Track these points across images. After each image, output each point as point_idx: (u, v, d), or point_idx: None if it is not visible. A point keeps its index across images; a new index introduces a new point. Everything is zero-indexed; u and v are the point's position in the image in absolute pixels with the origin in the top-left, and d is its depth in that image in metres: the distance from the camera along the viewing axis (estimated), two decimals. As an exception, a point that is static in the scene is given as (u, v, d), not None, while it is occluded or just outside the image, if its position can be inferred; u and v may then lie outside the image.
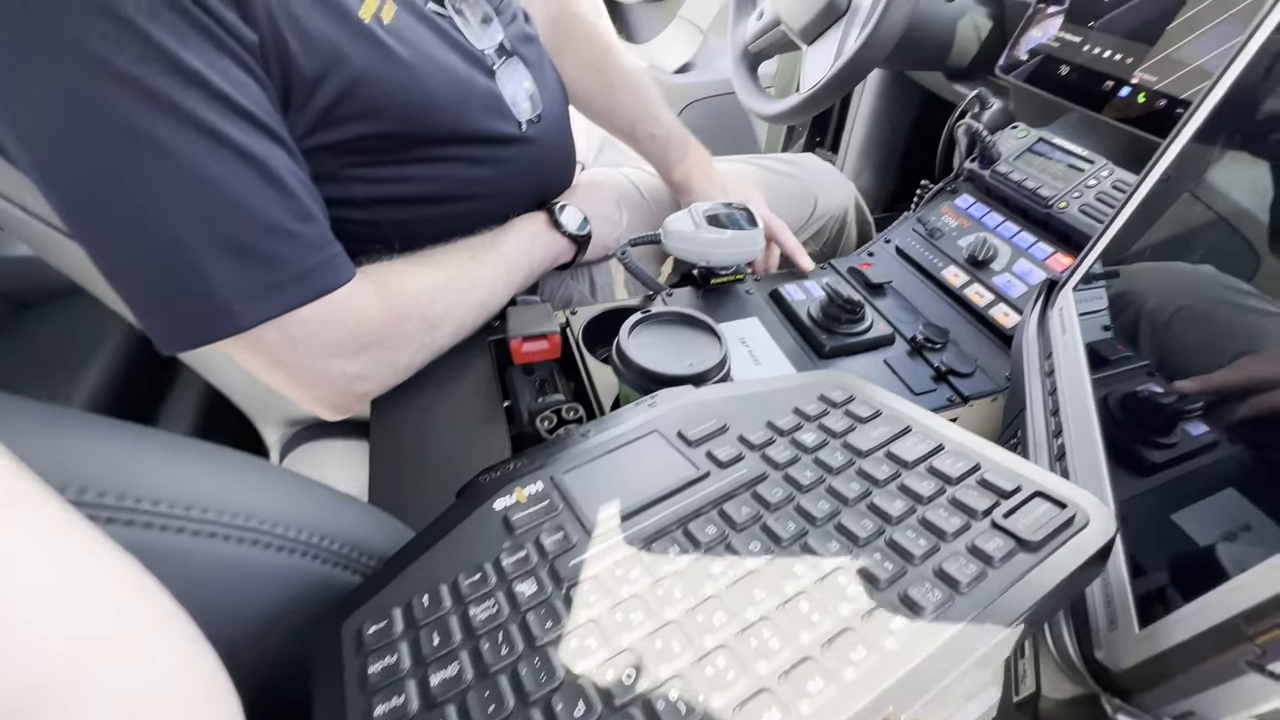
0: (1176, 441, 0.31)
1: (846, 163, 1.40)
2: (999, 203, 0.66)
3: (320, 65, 0.44)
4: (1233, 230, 0.34)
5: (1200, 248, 0.36)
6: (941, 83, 0.89)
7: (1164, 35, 0.56)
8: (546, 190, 0.70)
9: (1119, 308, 0.40)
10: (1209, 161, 0.37)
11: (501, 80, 0.60)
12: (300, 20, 0.42)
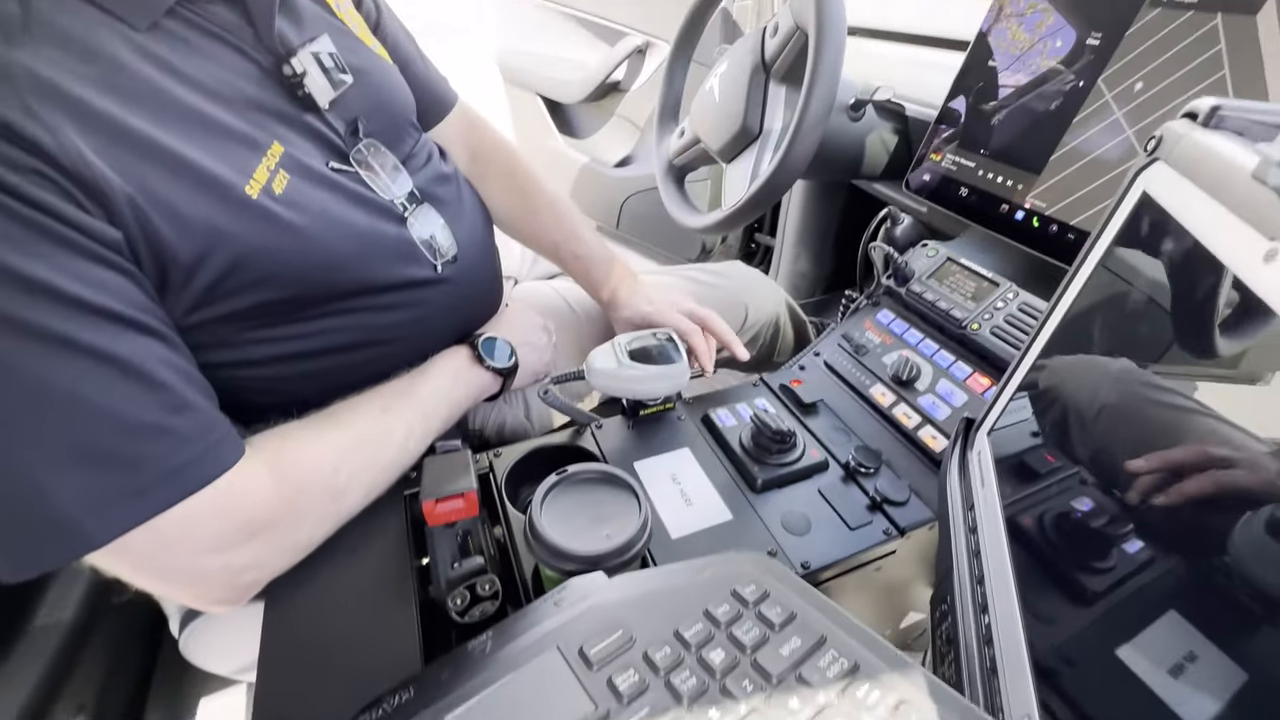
0: (1112, 565, 0.30)
1: (784, 248, 1.45)
2: (917, 318, 0.67)
3: (199, 247, 0.42)
4: (1147, 317, 0.33)
5: (1116, 339, 0.35)
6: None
7: (1048, 165, 0.60)
8: (469, 324, 0.68)
9: (1043, 409, 0.40)
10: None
11: (414, 226, 0.59)
12: (174, 206, 0.41)
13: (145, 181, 0.39)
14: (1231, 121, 0.29)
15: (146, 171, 0.39)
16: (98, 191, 0.37)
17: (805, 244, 1.43)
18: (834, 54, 0.62)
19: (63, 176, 0.35)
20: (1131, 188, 0.33)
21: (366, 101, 0.56)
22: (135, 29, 0.41)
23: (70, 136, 0.36)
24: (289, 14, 0.51)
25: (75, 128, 0.36)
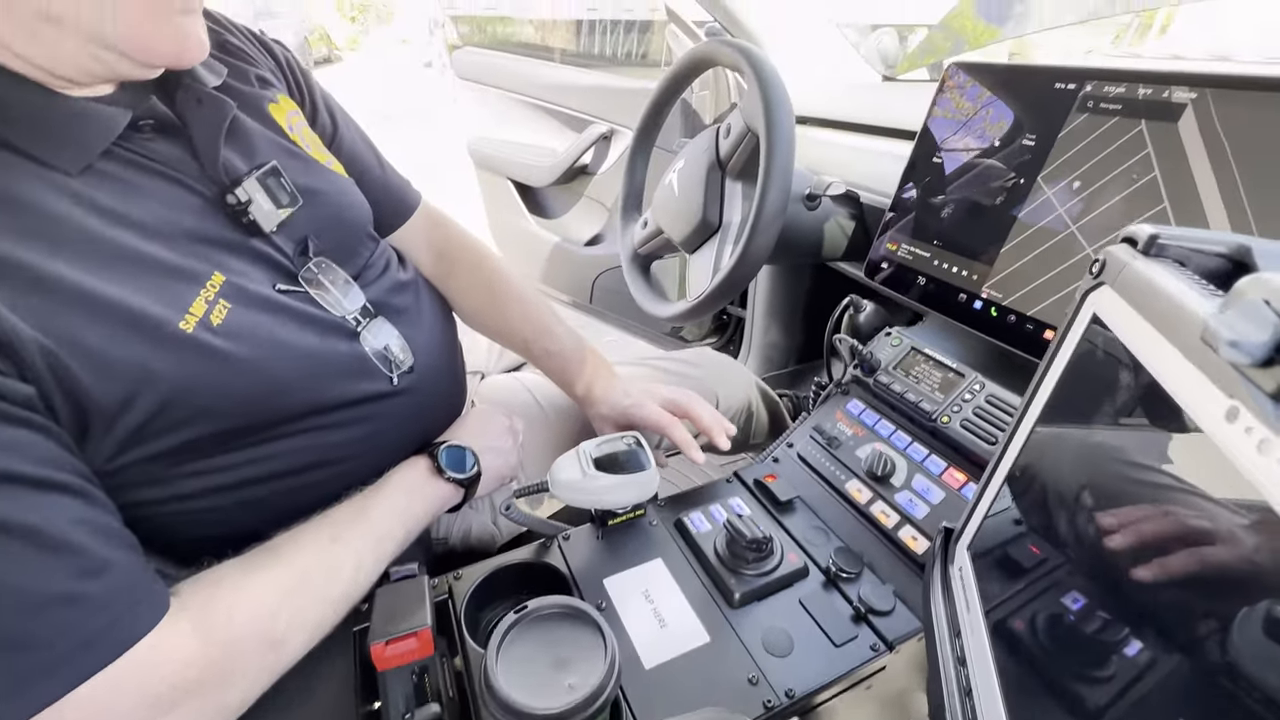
0: (1112, 674, 0.27)
1: (754, 320, 1.46)
2: (888, 407, 0.66)
3: (124, 390, 0.40)
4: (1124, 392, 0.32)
5: (1097, 414, 0.34)
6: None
7: (999, 257, 0.61)
8: (428, 433, 0.65)
9: (1022, 491, 0.38)
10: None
11: (367, 340, 0.57)
12: (97, 351, 0.39)
13: (65, 330, 0.37)
14: (1172, 250, 0.30)
15: (67, 319, 0.38)
16: (6, 347, 0.35)
17: (775, 316, 1.45)
18: (785, 158, 0.64)
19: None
20: (1080, 310, 0.33)
21: (317, 220, 0.55)
22: (67, 174, 0.40)
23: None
24: (236, 142, 0.51)
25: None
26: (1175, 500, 0.25)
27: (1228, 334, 0.18)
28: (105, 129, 0.42)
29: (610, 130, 1.63)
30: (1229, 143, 0.46)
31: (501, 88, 1.83)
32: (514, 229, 1.99)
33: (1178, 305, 0.25)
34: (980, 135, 0.63)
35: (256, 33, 0.63)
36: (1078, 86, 0.55)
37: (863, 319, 0.75)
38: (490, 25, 2.86)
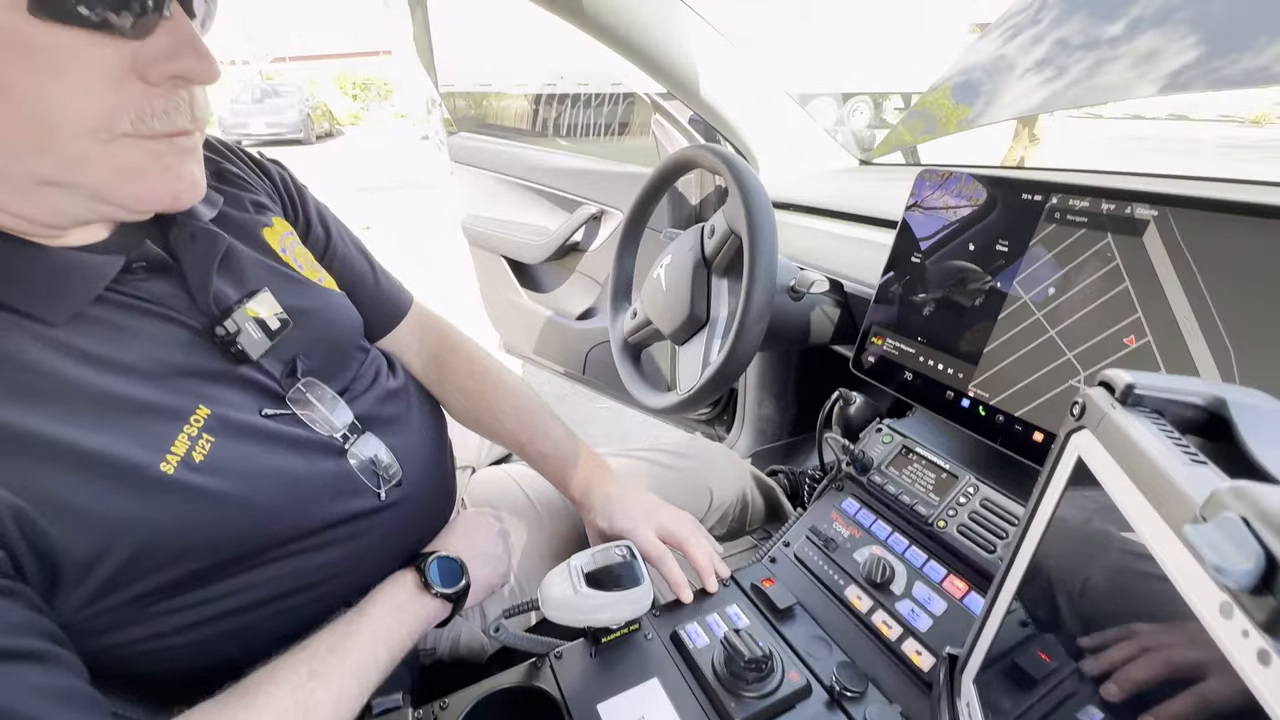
0: None
1: (746, 394, 1.46)
2: (884, 506, 0.65)
3: (99, 542, 0.39)
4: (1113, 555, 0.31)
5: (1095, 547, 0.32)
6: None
7: (983, 357, 0.62)
8: (415, 545, 0.64)
9: (1025, 620, 0.36)
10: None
11: (354, 455, 0.56)
12: (71, 504, 0.38)
13: (38, 487, 0.37)
14: (1149, 400, 0.30)
15: (40, 475, 0.37)
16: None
17: (767, 390, 1.45)
18: (768, 261, 0.65)
19: None
20: (1065, 451, 0.33)
21: (306, 340, 0.56)
22: (53, 325, 0.40)
23: None
24: (228, 271, 0.52)
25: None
26: (1187, 634, 0.25)
27: (1211, 556, 0.18)
28: (97, 278, 0.42)
29: (600, 211, 1.68)
30: (1194, 260, 0.47)
31: (495, 171, 1.90)
32: (507, 303, 2.02)
33: (1164, 476, 0.25)
34: (956, 238, 0.65)
35: (255, 156, 0.65)
36: (1044, 198, 0.58)
37: (853, 411, 0.76)
38: (484, 100, 3.00)
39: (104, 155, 0.38)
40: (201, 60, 0.39)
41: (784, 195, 1.20)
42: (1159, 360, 0.49)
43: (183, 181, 0.43)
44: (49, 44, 0.34)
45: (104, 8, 0.35)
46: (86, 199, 0.40)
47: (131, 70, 0.37)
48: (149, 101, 0.38)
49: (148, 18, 0.37)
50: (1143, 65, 1.17)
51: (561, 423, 0.76)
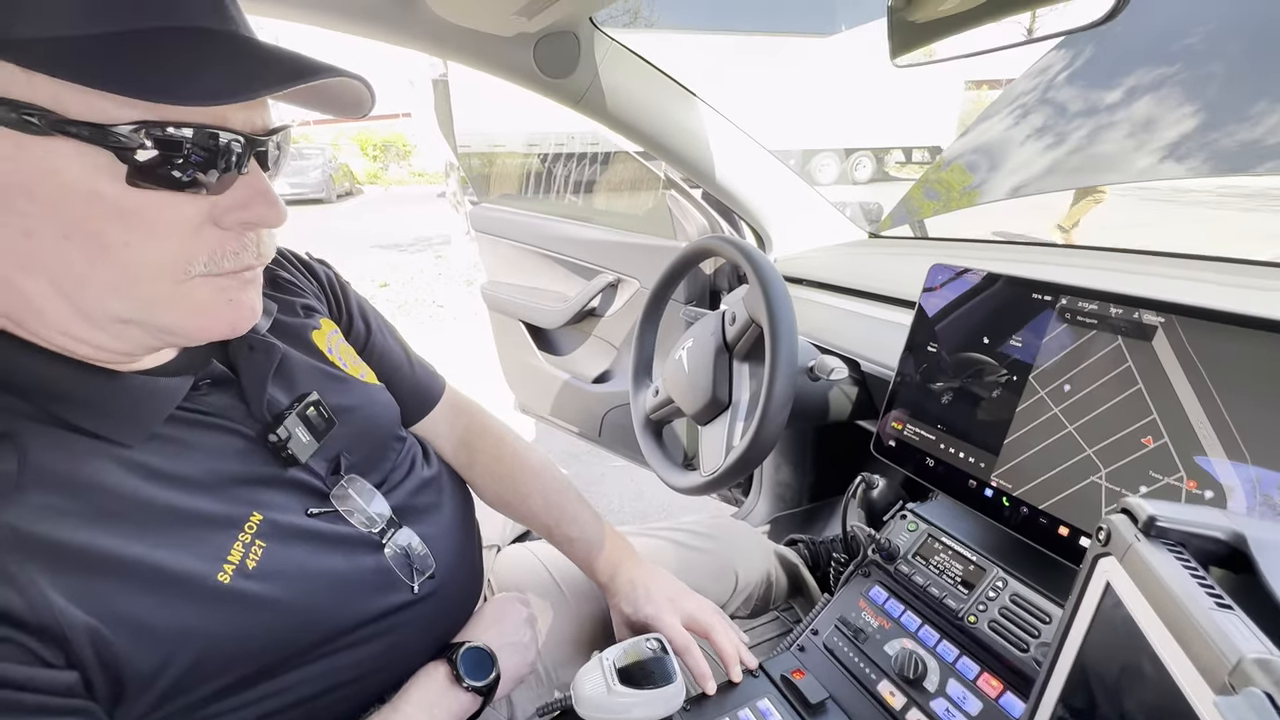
0: None
1: (765, 460, 1.47)
2: (912, 597, 0.66)
3: (162, 655, 0.41)
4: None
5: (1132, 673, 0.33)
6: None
7: (1004, 448, 0.63)
8: (446, 635, 0.65)
9: (1069, 703, 0.36)
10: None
11: (391, 550, 0.58)
12: (139, 620, 0.40)
13: (111, 605, 0.39)
14: (1172, 534, 0.32)
15: (114, 593, 0.39)
16: (59, 638, 0.37)
17: (786, 455, 1.46)
18: (789, 352, 0.68)
19: (26, 634, 0.36)
20: (1093, 576, 0.35)
21: (350, 436, 0.59)
22: (128, 447, 0.43)
23: (42, 589, 0.36)
24: (280, 378, 0.55)
25: (49, 576, 0.37)
26: None
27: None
28: (168, 401, 0.45)
29: (617, 279, 1.73)
30: (1203, 367, 0.49)
31: (515, 240, 1.97)
32: (525, 366, 2.06)
33: (1192, 623, 0.26)
34: (970, 331, 0.68)
35: (304, 259, 0.69)
36: (1054, 298, 0.60)
37: (876, 495, 0.77)
38: (497, 159, 3.14)
39: (177, 295, 0.41)
40: (271, 208, 0.42)
41: (797, 270, 1.24)
42: (1177, 463, 0.50)
43: (242, 310, 0.45)
44: (141, 205, 0.37)
45: (193, 170, 0.38)
46: (157, 332, 0.43)
47: (208, 219, 0.41)
48: (222, 244, 0.41)
49: (229, 174, 0.41)
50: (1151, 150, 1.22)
51: (587, 504, 0.78)
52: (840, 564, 0.76)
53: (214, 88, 0.36)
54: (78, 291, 0.39)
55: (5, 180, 0.35)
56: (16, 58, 0.32)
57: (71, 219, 0.36)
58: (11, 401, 0.39)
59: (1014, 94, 1.67)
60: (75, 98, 0.34)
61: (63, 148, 0.34)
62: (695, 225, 1.44)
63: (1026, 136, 1.61)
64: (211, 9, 0.38)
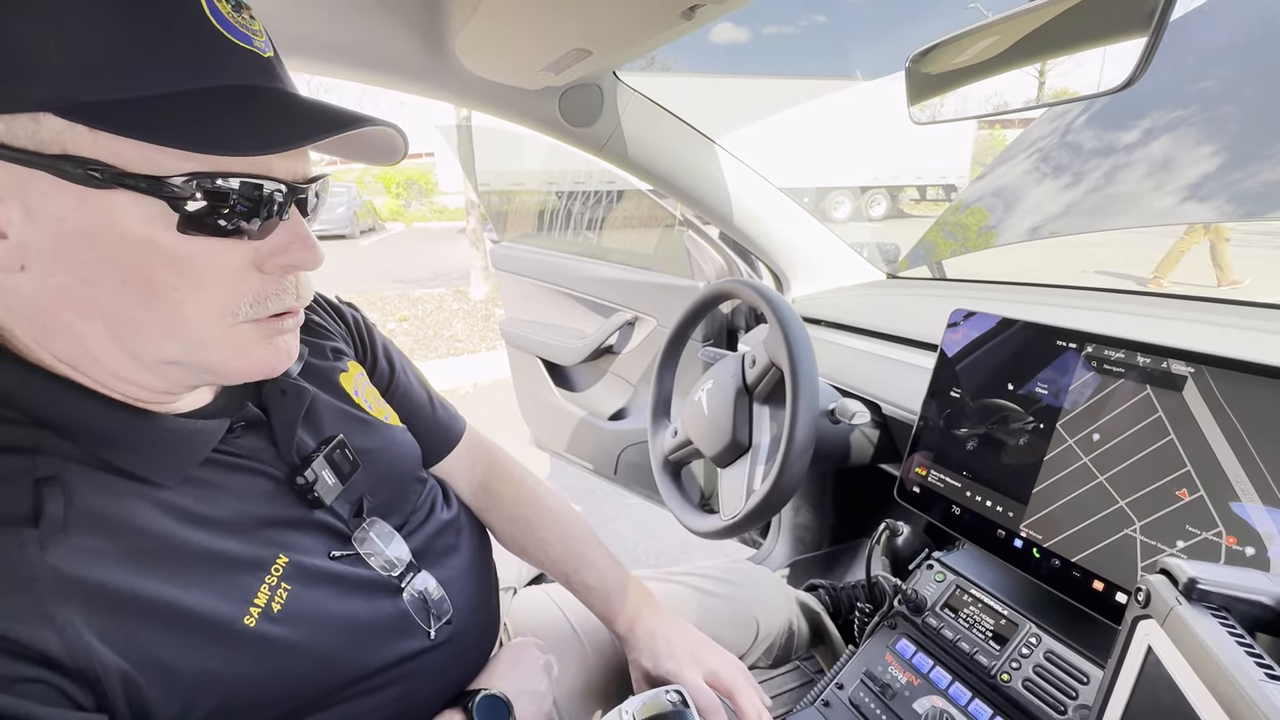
0: None
1: (783, 501, 1.45)
2: (941, 651, 0.63)
3: (187, 698, 0.41)
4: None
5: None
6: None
7: (1032, 497, 0.62)
8: (463, 681, 0.64)
9: None
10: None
11: (409, 594, 0.58)
12: (167, 663, 0.40)
13: (143, 648, 0.39)
14: (1215, 597, 0.31)
15: (145, 636, 0.40)
16: (93, 680, 0.37)
17: (806, 498, 1.44)
18: (809, 397, 0.68)
19: (60, 676, 0.36)
20: (1133, 639, 0.34)
21: (373, 479, 0.59)
22: (163, 488, 0.44)
23: (79, 631, 0.37)
24: (309, 421, 0.56)
25: (85, 617, 0.37)
26: None
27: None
28: (205, 444, 0.47)
29: (634, 317, 1.75)
30: (1236, 418, 0.48)
31: (534, 278, 2.01)
32: (542, 402, 2.07)
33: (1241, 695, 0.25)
34: (994, 376, 0.67)
35: (333, 302, 0.71)
36: (1079, 346, 0.60)
37: (900, 542, 0.75)
38: (517, 196, 3.22)
39: (223, 338, 0.43)
40: (309, 251, 0.45)
41: (815, 311, 1.25)
42: (1215, 517, 0.49)
43: (280, 353, 0.47)
44: (191, 252, 0.39)
45: (238, 219, 0.41)
46: (200, 373, 0.45)
47: (252, 264, 0.43)
48: (264, 287, 0.44)
49: (271, 221, 0.43)
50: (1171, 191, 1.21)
51: (605, 550, 0.77)
52: (864, 613, 0.74)
53: (261, 139, 0.38)
54: (131, 335, 0.40)
55: (69, 230, 0.37)
56: (84, 118, 0.35)
57: (128, 266, 0.38)
58: (60, 444, 0.41)
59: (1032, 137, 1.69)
60: (134, 152, 0.36)
61: (121, 199, 0.37)
62: (712, 265, 1.46)
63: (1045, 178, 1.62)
64: (260, 70, 0.41)
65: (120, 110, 0.35)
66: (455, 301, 6.77)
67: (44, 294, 0.39)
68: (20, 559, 0.36)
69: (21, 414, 0.40)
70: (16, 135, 0.35)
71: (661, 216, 2.43)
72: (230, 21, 0.39)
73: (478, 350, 5.06)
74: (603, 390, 1.93)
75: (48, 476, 0.39)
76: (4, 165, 0.35)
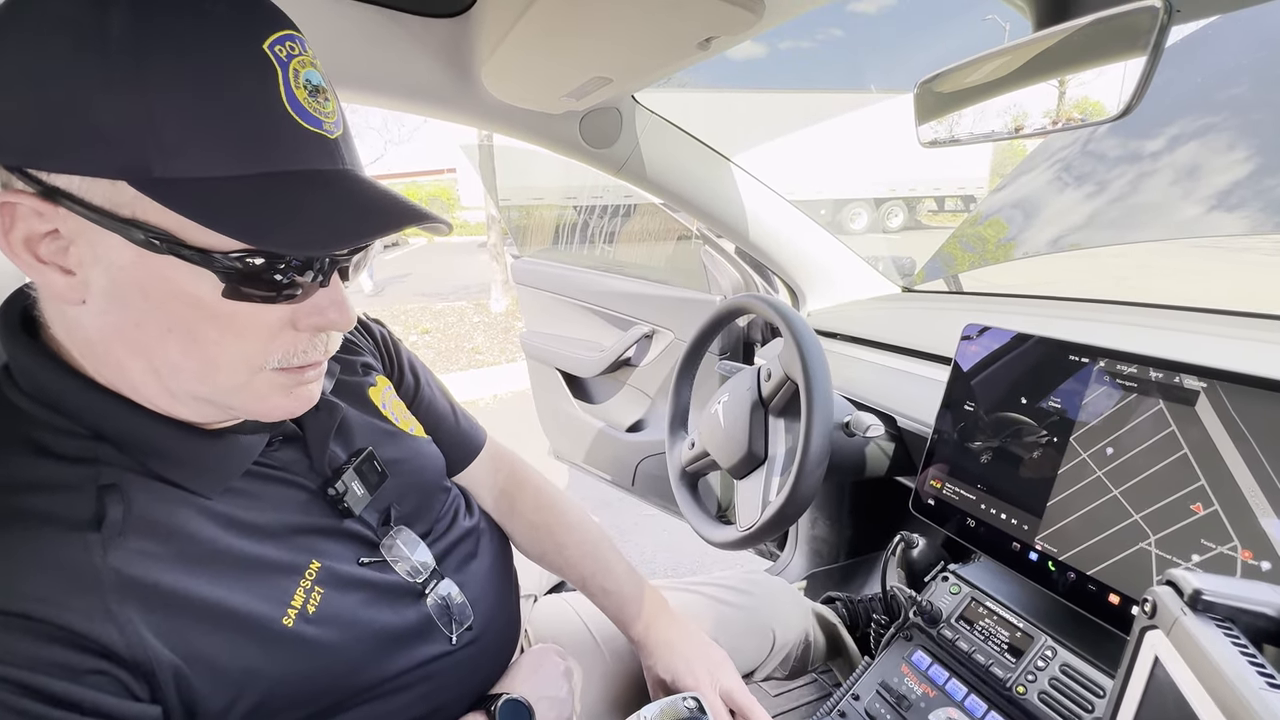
0: None
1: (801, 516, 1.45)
2: (957, 663, 0.64)
3: (231, 694, 0.44)
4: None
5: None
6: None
7: (1047, 510, 0.62)
8: (484, 686, 0.65)
9: None
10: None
11: (432, 600, 0.60)
12: (214, 660, 0.43)
13: (192, 645, 0.42)
14: (1220, 608, 0.31)
15: (195, 634, 0.42)
16: (149, 674, 0.40)
17: (822, 510, 1.44)
18: (824, 410, 0.69)
19: (121, 669, 0.39)
20: (1141, 649, 0.34)
21: (400, 489, 0.62)
22: (208, 497, 0.47)
23: (138, 628, 0.39)
24: (340, 435, 0.59)
25: (143, 615, 0.40)
26: None
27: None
28: (246, 457, 0.50)
29: (652, 330, 1.77)
30: (1249, 432, 0.49)
31: (554, 292, 2.05)
32: (560, 413, 2.09)
33: (1243, 704, 0.26)
34: (1008, 390, 0.68)
35: (362, 318, 0.74)
36: (1091, 360, 0.61)
37: (916, 554, 0.76)
38: (537, 211, 3.28)
39: (249, 385, 0.45)
40: (343, 315, 0.47)
41: (830, 325, 1.26)
42: (1230, 531, 0.49)
43: (299, 401, 0.49)
44: (233, 312, 0.42)
45: (281, 289, 0.43)
46: (225, 409, 0.48)
47: (288, 323, 0.45)
48: (295, 344, 0.46)
49: (312, 286, 0.45)
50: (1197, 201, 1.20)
51: (623, 558, 0.79)
52: (880, 625, 0.74)
53: (311, 237, 0.40)
54: (169, 374, 0.43)
55: (127, 280, 0.40)
56: (153, 192, 0.38)
57: (175, 317, 0.41)
58: (117, 455, 0.44)
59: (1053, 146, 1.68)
60: (194, 229, 0.38)
61: (175, 262, 0.39)
62: (728, 279, 1.48)
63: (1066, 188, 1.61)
64: (327, 154, 0.43)
65: (187, 189, 0.38)
66: (476, 314, 6.87)
67: (100, 328, 0.42)
68: (86, 561, 0.39)
69: (85, 428, 0.44)
70: (95, 195, 0.38)
71: (678, 230, 2.46)
72: (305, 107, 0.40)
73: (498, 362, 5.13)
74: (621, 402, 1.95)
75: (109, 485, 0.42)
76: (82, 218, 0.38)
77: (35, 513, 0.40)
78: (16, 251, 0.39)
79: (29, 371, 0.44)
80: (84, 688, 0.37)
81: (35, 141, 0.37)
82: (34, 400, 0.43)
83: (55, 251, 0.39)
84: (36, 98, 0.36)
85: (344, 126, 0.45)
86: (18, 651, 0.36)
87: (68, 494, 0.41)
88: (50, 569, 0.38)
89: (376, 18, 0.78)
